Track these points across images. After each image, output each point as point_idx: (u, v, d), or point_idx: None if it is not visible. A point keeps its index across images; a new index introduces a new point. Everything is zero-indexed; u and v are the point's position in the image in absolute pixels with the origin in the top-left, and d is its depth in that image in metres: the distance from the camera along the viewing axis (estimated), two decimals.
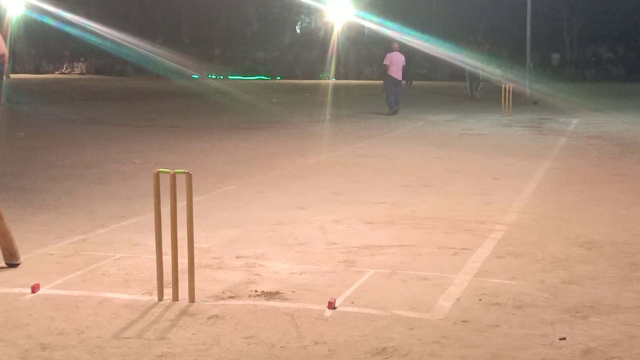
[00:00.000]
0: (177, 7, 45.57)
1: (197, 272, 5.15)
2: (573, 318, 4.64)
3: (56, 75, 43.27)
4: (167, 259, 5.05)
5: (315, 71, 39.12)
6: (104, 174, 10.21)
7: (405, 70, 20.85)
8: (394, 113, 19.42)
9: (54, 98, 25.18)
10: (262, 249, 6.27)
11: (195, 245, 5.06)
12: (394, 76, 19.96)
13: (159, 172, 4.97)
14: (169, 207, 4.96)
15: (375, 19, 31.93)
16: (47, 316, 4.70)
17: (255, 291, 5.16)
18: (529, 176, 9.94)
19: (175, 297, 4.95)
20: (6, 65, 5.92)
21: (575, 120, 17.52)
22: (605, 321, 4.59)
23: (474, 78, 25.19)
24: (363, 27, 38.50)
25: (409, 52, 22.98)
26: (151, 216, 5.27)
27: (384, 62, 20.40)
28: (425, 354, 4.13)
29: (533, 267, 5.75)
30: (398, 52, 20.39)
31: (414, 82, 31.51)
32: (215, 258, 6.00)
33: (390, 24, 29.78)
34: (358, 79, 38.12)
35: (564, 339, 4.30)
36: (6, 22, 34.32)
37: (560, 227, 7.04)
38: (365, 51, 39.39)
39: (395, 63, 20.05)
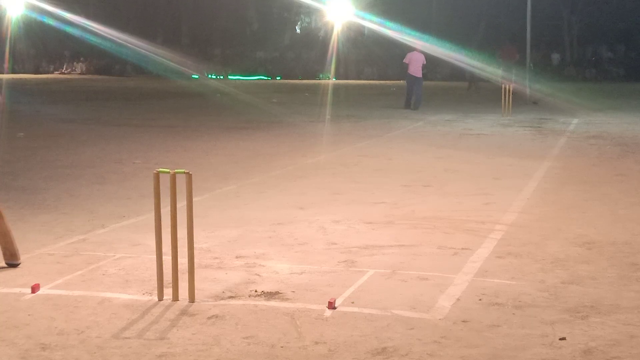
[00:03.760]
0: (177, 7, 45.55)
1: (197, 272, 5.15)
2: (573, 318, 4.64)
3: (56, 75, 43.25)
4: (167, 259, 5.05)
5: (315, 71, 39.10)
6: (104, 174, 10.21)
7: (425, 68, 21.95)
8: (415, 108, 20.36)
9: (54, 98, 25.18)
10: (262, 249, 6.27)
11: (195, 245, 5.06)
12: (414, 74, 20.95)
13: (159, 172, 4.97)
14: (169, 207, 4.96)
15: (375, 19, 31.91)
16: (47, 316, 4.70)
17: (255, 291, 5.16)
18: (529, 176, 9.94)
19: (175, 297, 4.95)
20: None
21: (575, 120, 17.52)
22: (605, 321, 4.59)
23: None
24: (363, 27, 38.49)
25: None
26: (151, 216, 5.27)
27: (404, 61, 21.56)
28: (425, 354, 4.13)
29: (533, 267, 5.75)
30: (418, 52, 21.35)
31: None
32: (215, 258, 6.00)
33: (390, 24, 29.76)
34: (358, 79, 38.09)
35: (564, 339, 4.30)
36: (6, 22, 34.37)
37: (560, 227, 7.04)
38: (365, 51, 39.36)
39: (414, 62, 21.03)
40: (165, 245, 5.01)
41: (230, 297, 5.05)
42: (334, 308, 4.79)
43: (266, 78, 40.02)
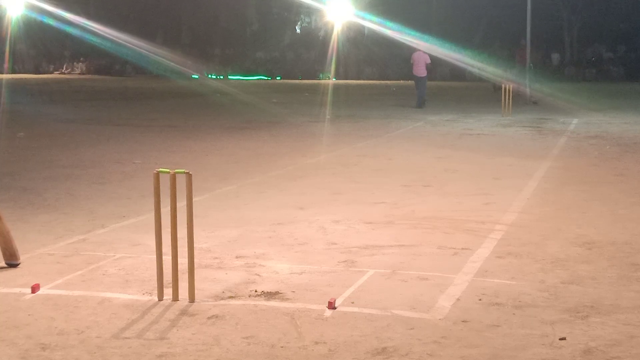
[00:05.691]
0: (177, 7, 45.54)
1: (197, 272, 5.15)
2: (573, 318, 4.64)
3: (56, 75, 43.25)
4: (167, 259, 5.05)
5: (315, 71, 39.10)
6: (104, 174, 10.21)
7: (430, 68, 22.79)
8: (419, 106, 21.11)
9: (54, 98, 25.18)
10: (262, 249, 6.27)
11: (195, 245, 5.06)
12: (416, 74, 21.87)
13: (159, 172, 4.97)
14: (169, 207, 4.96)
15: (375, 19, 31.92)
16: (47, 316, 4.70)
17: (255, 291, 5.16)
18: (529, 176, 9.94)
19: (175, 297, 4.95)
20: None
21: (575, 120, 17.51)
22: (605, 321, 4.59)
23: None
24: (363, 27, 38.50)
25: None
26: (151, 216, 5.27)
27: (411, 61, 22.51)
28: (425, 354, 4.13)
29: (533, 267, 5.75)
30: (421, 52, 22.24)
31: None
32: (215, 258, 6.00)
33: (390, 24, 29.78)
34: (358, 79, 38.08)
35: (564, 339, 4.30)
36: (6, 22, 34.38)
37: (560, 227, 7.04)
38: (365, 51, 39.36)
39: (417, 62, 21.92)
40: (165, 245, 5.01)
41: (230, 297, 5.05)
42: (334, 308, 4.79)
43: (266, 78, 40.01)
